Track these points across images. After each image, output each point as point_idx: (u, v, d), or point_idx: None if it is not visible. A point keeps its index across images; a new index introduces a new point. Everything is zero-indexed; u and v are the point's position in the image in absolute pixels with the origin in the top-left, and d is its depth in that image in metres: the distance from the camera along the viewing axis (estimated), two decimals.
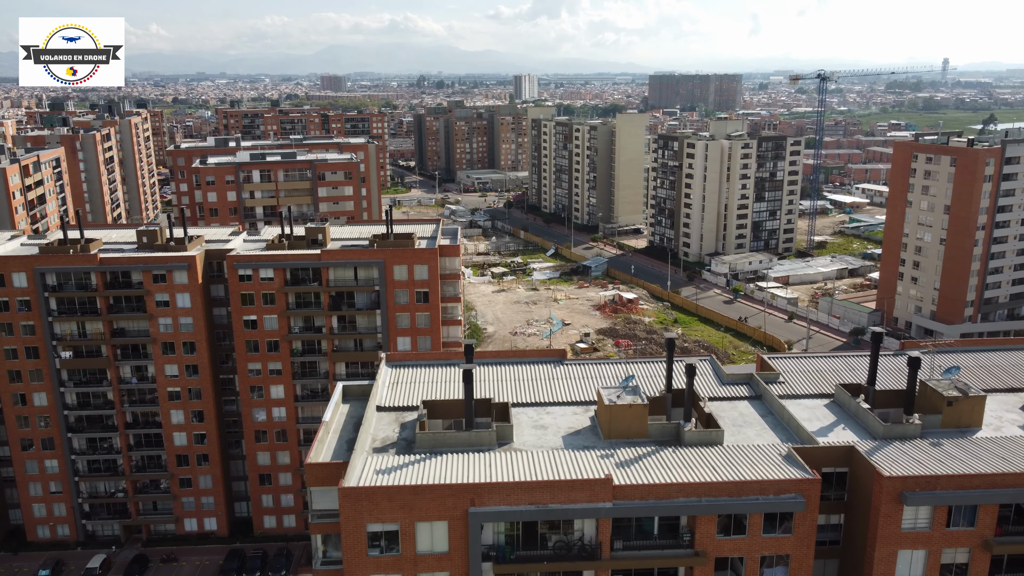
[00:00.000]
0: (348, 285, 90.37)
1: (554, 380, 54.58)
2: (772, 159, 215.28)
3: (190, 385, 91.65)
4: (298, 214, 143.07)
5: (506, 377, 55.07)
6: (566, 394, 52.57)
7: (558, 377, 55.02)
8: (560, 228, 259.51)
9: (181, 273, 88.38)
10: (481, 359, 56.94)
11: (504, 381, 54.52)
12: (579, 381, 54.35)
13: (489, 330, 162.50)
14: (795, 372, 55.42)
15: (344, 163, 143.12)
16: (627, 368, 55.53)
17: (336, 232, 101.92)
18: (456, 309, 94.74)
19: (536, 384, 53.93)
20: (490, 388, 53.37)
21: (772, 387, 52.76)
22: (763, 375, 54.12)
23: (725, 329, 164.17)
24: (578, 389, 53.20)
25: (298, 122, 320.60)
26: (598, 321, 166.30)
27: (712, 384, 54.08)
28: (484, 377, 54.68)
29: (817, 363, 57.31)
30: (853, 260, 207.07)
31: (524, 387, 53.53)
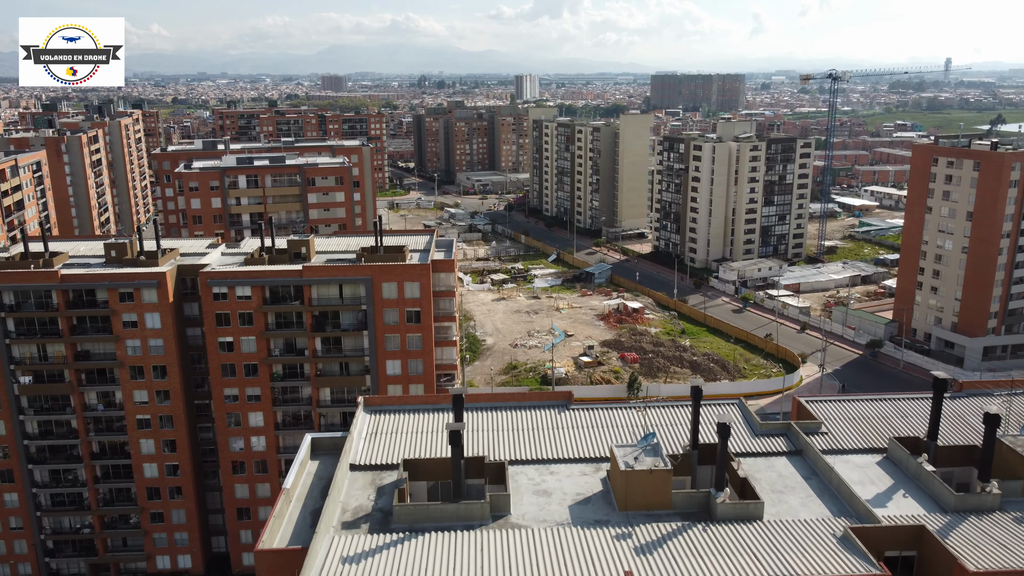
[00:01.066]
0: (333, 304, 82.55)
1: (559, 429, 46.72)
2: (781, 162, 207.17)
3: (161, 412, 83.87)
4: (287, 221, 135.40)
5: (503, 425, 47.24)
6: (573, 448, 44.73)
7: (563, 425, 47.16)
8: (562, 232, 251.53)
9: (150, 291, 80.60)
10: (475, 403, 49.14)
11: (501, 430, 46.68)
12: (588, 431, 46.48)
13: (488, 342, 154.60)
14: (838, 420, 47.51)
15: (335, 168, 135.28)
16: (642, 418, 47.59)
17: (322, 244, 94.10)
18: (451, 329, 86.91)
19: (538, 435, 46.07)
20: (485, 439, 45.55)
21: (814, 439, 44.88)
22: (802, 425, 46.22)
23: (735, 340, 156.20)
24: (587, 441, 45.35)
25: (294, 123, 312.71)
26: (602, 332, 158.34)
27: (744, 435, 46.18)
28: (478, 425, 46.88)
29: (862, 408, 49.37)
30: (865, 266, 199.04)
31: (524, 439, 45.68)
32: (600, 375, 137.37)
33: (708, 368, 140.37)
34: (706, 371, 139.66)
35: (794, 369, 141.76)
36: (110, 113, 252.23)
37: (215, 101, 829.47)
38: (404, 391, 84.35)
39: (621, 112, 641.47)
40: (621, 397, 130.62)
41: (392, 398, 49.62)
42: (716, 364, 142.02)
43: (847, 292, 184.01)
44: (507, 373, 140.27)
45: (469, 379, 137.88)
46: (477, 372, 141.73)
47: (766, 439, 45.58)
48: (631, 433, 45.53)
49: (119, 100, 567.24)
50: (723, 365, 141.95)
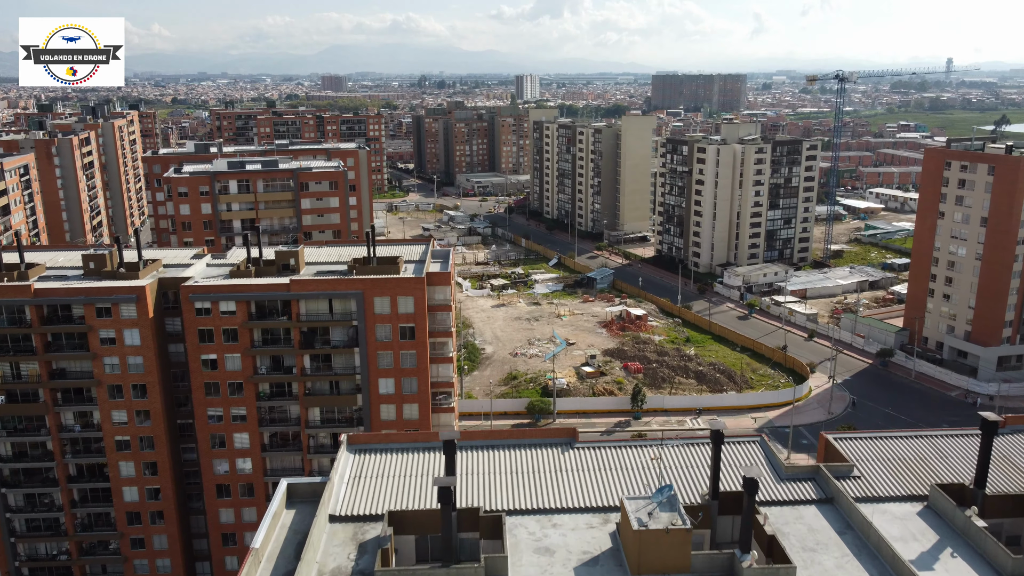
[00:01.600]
0: (322, 319, 77.88)
1: (563, 472, 42.08)
2: (787, 164, 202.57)
3: (141, 433, 79.26)
4: (279, 227, 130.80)
5: (501, 467, 42.61)
6: (579, 495, 40.09)
7: (568, 467, 42.51)
8: (563, 235, 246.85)
9: (129, 306, 75.95)
10: (470, 440, 44.51)
11: (498, 473, 42.06)
12: (595, 474, 41.84)
13: (488, 350, 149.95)
14: (872, 461, 42.85)
15: (329, 172, 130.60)
16: (656, 465, 42.87)
17: (313, 255, 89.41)
18: (447, 345, 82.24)
19: (539, 479, 41.43)
20: (480, 484, 40.94)
21: (845, 485, 40.25)
22: (832, 468, 41.55)
23: (741, 349, 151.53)
24: (594, 487, 40.72)
25: (292, 124, 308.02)
26: (605, 340, 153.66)
27: (768, 480, 41.51)
28: (473, 467, 42.28)
29: (897, 447, 44.68)
30: (873, 271, 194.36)
31: (524, 484, 41.05)
32: (603, 386, 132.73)
33: (714, 379, 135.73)
34: (712, 382, 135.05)
35: (803, 379, 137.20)
36: (104, 115, 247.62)
37: (215, 101, 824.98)
38: (398, 410, 79.77)
39: (622, 112, 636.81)
40: (625, 409, 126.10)
41: (379, 436, 45.03)
42: (722, 374, 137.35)
43: (855, 298, 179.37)
44: (507, 384, 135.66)
45: (468, 390, 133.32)
46: (476, 382, 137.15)
47: (793, 484, 40.91)
48: (642, 478, 40.89)
49: (118, 100, 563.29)
50: (729, 375, 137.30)
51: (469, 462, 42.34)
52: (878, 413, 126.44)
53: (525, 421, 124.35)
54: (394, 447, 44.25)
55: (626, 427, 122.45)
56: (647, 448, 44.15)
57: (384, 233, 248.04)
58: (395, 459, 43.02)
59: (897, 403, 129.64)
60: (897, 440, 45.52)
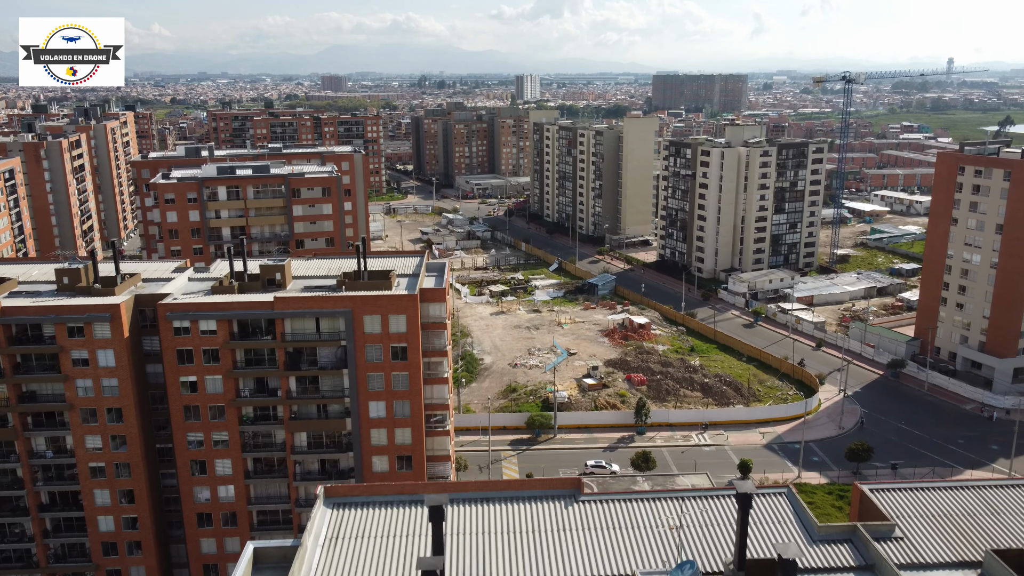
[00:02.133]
0: (309, 339, 72.99)
1: (567, 532, 37.23)
2: (793, 167, 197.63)
3: (117, 459, 74.40)
4: (270, 235, 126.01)
5: (497, 526, 37.76)
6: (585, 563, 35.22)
7: (571, 526, 37.66)
8: (564, 239, 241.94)
9: (103, 326, 71.07)
10: (463, 493, 39.64)
11: (494, 533, 37.19)
12: (603, 535, 36.98)
13: (486, 360, 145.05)
14: (914, 518, 38.00)
15: (322, 178, 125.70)
16: (668, 515, 37.96)
17: (301, 268, 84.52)
18: (442, 365, 77.36)
19: (539, 542, 36.57)
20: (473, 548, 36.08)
21: (887, 548, 35.39)
22: (871, 528, 36.68)
23: (747, 359, 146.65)
24: (602, 552, 35.86)
25: (289, 126, 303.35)
26: (607, 350, 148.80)
27: (799, 542, 36.61)
28: (465, 526, 37.44)
29: (940, 500, 39.84)
30: (880, 277, 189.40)
31: (523, 548, 36.19)
32: (605, 399, 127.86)
33: (720, 391, 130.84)
34: (718, 394, 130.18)
35: (812, 392, 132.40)
36: (96, 116, 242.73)
37: (214, 102, 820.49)
38: (389, 435, 74.87)
39: (623, 113, 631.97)
40: (628, 423, 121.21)
41: (359, 488, 40.23)
42: (729, 387, 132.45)
43: (863, 305, 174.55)
44: (506, 397, 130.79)
45: (466, 403, 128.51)
46: (474, 395, 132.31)
47: (827, 548, 36.03)
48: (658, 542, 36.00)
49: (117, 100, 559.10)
50: (736, 388, 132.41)
51: (461, 520, 37.53)
52: (890, 427, 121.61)
53: (525, 436, 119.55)
54: (377, 500, 39.41)
55: (629, 443, 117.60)
56: (664, 505, 39.22)
57: (382, 237, 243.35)
58: (378, 515, 38.18)
59: (910, 417, 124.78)
60: (942, 492, 40.60)
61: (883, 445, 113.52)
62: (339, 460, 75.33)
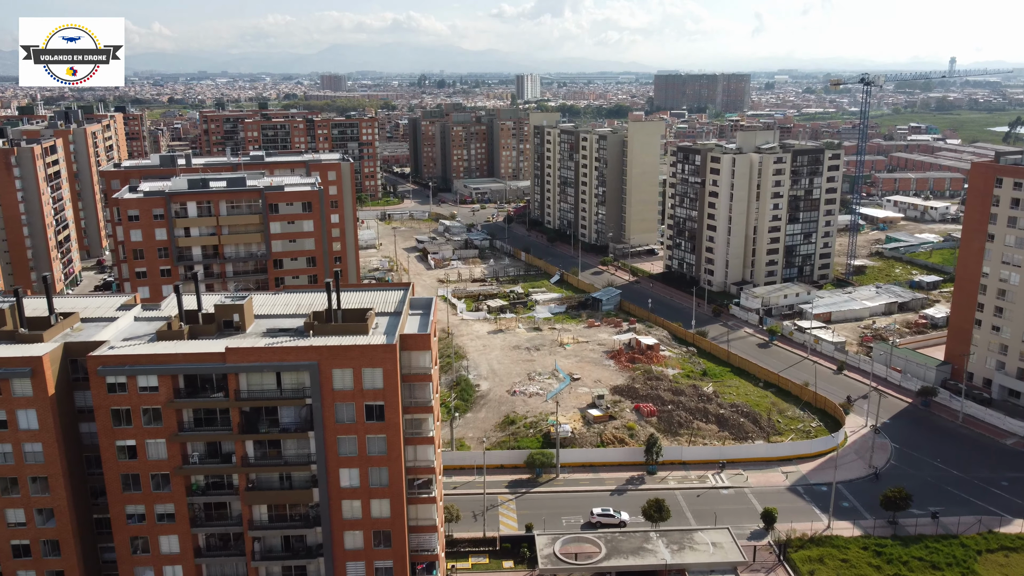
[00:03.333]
0: (269, 396, 61.40)
1: None
2: (808, 174, 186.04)
3: (44, 536, 62.87)
4: (246, 255, 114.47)
5: None
6: None
7: None
8: (565, 248, 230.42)
9: (23, 382, 59.51)
10: None
11: None
12: None
13: (483, 387, 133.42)
14: None
15: (302, 192, 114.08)
16: None
17: (265, 305, 72.88)
18: (427, 422, 65.77)
19: None
20: None
21: None
22: None
23: (764, 384, 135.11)
24: None
25: (281, 128, 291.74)
26: (613, 374, 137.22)
27: None
28: None
29: None
30: (901, 291, 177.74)
31: None
32: (612, 433, 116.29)
33: (737, 424, 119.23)
34: (735, 427, 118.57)
35: (835, 422, 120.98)
36: (78, 119, 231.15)
37: (212, 101, 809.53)
38: (364, 507, 63.25)
39: (624, 113, 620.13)
40: (638, 462, 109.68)
41: None
42: (746, 418, 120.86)
43: (884, 322, 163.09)
44: (504, 430, 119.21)
45: (460, 437, 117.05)
46: (469, 426, 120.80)
47: None
48: None
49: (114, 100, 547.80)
50: (754, 419, 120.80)
51: None
52: (924, 466, 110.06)
53: (524, 476, 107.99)
54: None
55: (639, 485, 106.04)
56: None
57: (375, 246, 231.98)
58: None
59: (945, 453, 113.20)
60: None
61: (919, 488, 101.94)
62: (305, 536, 63.78)
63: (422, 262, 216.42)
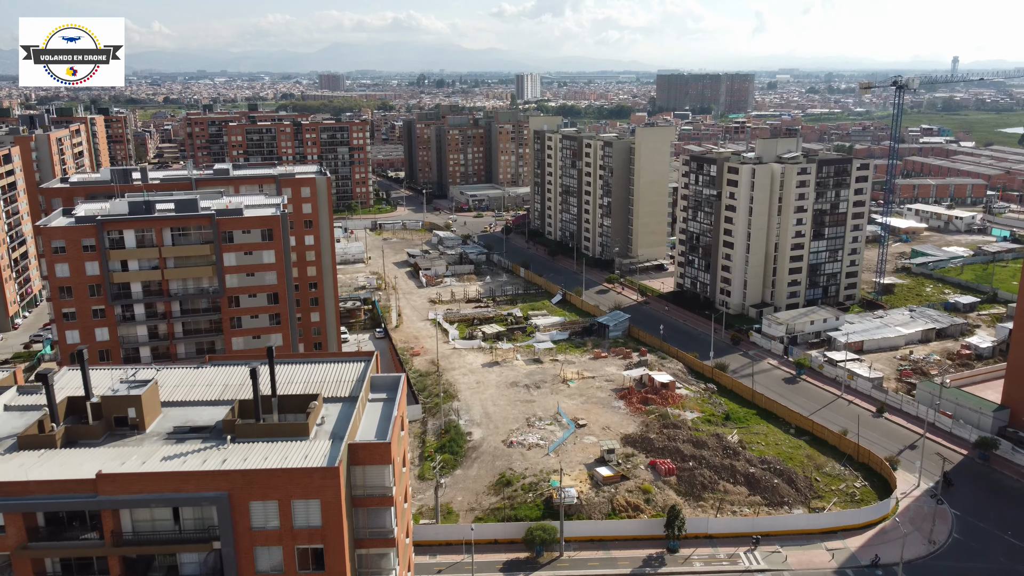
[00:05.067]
0: (164, 537, 43.60)
1: None
2: (834, 186, 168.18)
3: None
4: (195, 290, 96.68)
5: None
6: None
7: None
8: (567, 262, 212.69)
9: None
10: None
11: None
12: None
13: (475, 436, 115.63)
14: None
15: (262, 218, 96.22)
16: None
17: (182, 386, 55.02)
18: (388, 559, 47.91)
19: None
20: None
21: None
22: None
23: (796, 431, 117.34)
24: None
25: (267, 132, 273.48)
26: (623, 419, 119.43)
27: None
28: None
29: None
30: (938, 315, 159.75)
31: None
32: (625, 498, 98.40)
33: (770, 485, 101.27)
34: (768, 489, 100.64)
35: (882, 481, 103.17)
36: (44, 124, 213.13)
37: (207, 101, 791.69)
38: None
39: (626, 114, 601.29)
40: (656, 535, 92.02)
41: None
42: (780, 478, 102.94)
43: (922, 352, 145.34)
44: (498, 492, 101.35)
45: (446, 501, 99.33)
46: (459, 487, 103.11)
47: None
48: None
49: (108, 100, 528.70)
50: (790, 479, 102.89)
51: None
52: (994, 540, 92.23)
53: (523, 555, 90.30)
54: None
55: (659, 567, 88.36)
56: None
57: (364, 260, 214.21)
58: None
59: (1017, 522, 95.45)
60: None
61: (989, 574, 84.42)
62: None
63: (413, 279, 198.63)
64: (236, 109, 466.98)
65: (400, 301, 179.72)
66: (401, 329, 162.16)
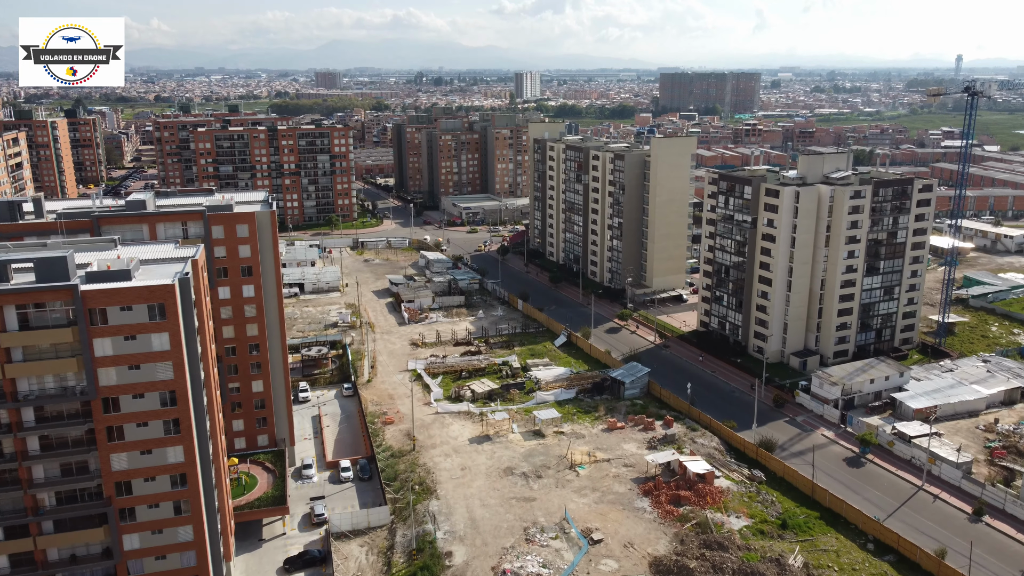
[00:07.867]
0: None
1: None
2: (891, 211, 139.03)
3: None
4: (56, 389, 67.23)
5: None
6: None
7: None
8: (572, 291, 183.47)
9: None
10: None
11: None
12: None
13: (456, 558, 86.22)
14: None
15: (147, 289, 66.59)
16: None
17: None
18: None
19: None
20: None
21: None
22: None
23: (876, 546, 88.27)
24: None
25: (239, 139, 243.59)
26: (649, 531, 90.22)
27: None
28: None
29: None
30: (1018, 367, 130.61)
31: None
32: None
33: None
34: None
35: None
36: None
37: (200, 99, 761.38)
38: None
39: (629, 114, 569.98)
40: None
41: None
42: None
43: (1009, 419, 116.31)
44: None
45: None
46: None
47: None
48: None
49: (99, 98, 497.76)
50: None
51: None
52: None
53: None
54: None
55: None
56: None
57: (339, 288, 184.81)
58: None
59: None
60: None
61: None
62: None
63: (394, 312, 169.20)
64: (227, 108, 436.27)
65: (376, 343, 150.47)
66: (374, 384, 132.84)
